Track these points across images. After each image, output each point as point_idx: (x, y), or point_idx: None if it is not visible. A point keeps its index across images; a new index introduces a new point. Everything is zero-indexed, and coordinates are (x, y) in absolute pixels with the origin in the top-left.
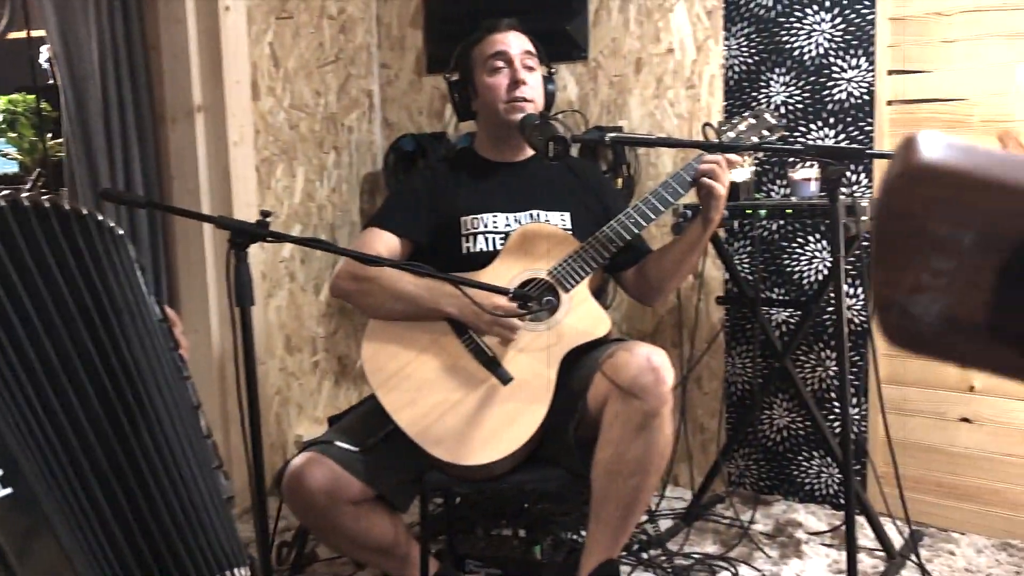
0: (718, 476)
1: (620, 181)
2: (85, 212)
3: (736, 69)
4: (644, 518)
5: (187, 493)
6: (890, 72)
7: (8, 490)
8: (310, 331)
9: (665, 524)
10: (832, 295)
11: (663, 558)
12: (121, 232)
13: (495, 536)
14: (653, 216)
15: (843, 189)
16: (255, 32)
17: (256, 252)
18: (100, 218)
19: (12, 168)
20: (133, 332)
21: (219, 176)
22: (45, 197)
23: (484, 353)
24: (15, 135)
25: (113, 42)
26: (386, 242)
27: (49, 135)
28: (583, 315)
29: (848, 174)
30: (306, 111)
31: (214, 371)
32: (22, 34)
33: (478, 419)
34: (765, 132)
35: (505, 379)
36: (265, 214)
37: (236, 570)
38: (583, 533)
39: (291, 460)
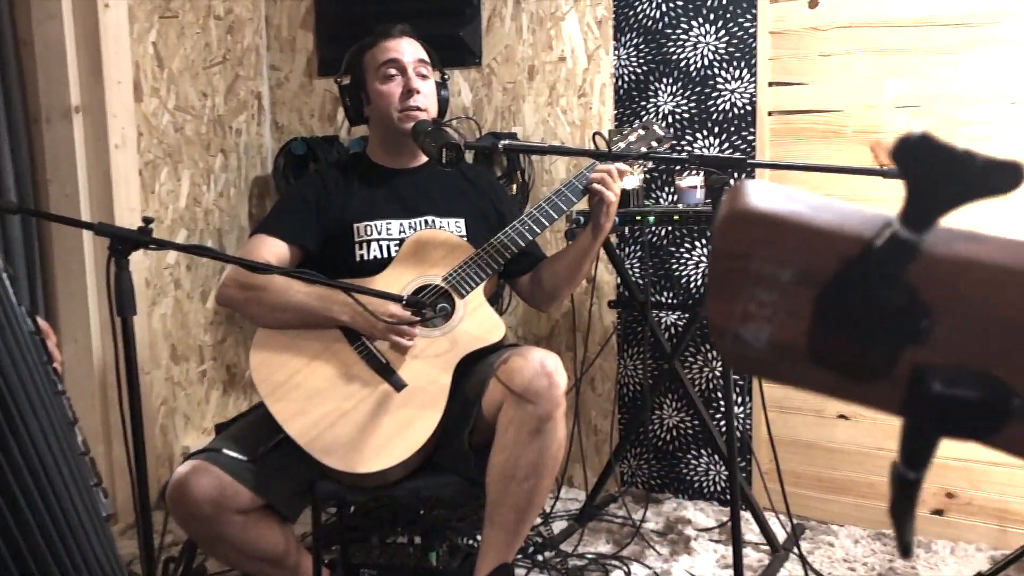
0: (611, 476)
1: (515, 187)
2: None
3: (626, 78)
4: (539, 520)
5: (62, 514)
6: (771, 84)
7: None
8: (197, 339)
9: (559, 525)
10: None
11: (557, 559)
12: None
13: (390, 544)
14: (547, 223)
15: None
16: (137, 31)
17: (139, 259)
18: None
19: None
20: (1, 346)
21: (99, 180)
22: None
23: (377, 360)
24: None
25: None
26: (274, 249)
27: None
28: (478, 321)
29: (731, 182)
30: (192, 113)
31: (95, 383)
32: None
33: (371, 426)
34: (654, 143)
35: (399, 386)
36: (147, 220)
37: None
38: (479, 538)
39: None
